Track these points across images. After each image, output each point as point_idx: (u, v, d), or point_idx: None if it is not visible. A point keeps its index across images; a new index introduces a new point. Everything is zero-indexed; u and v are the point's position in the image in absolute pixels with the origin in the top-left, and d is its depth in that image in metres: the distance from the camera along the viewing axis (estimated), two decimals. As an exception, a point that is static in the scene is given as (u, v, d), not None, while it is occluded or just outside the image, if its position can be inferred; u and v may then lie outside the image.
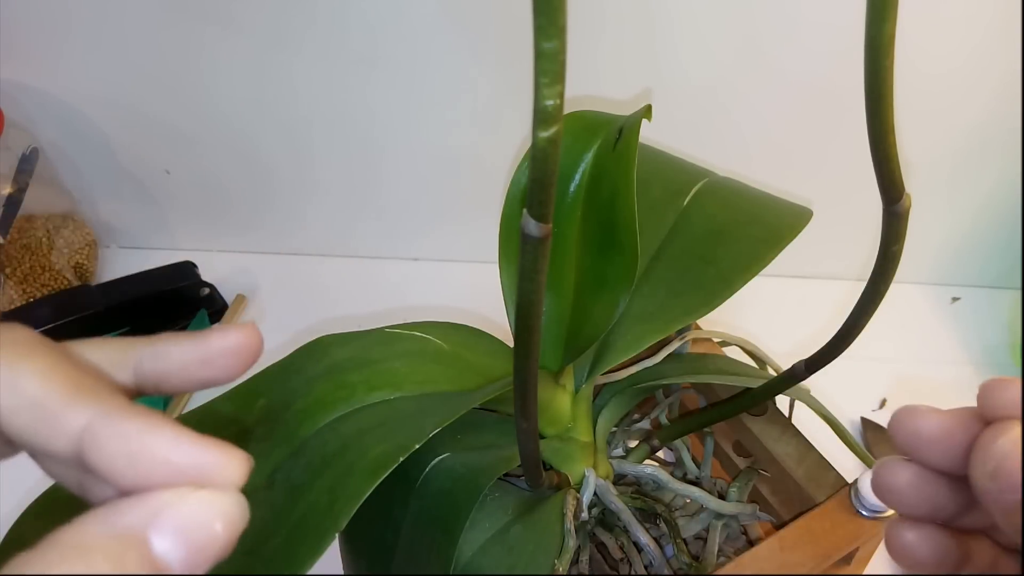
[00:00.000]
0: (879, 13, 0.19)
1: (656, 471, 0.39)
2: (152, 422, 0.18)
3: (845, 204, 0.59)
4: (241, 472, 0.18)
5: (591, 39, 0.53)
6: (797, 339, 0.42)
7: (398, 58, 0.55)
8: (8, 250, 0.60)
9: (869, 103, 0.21)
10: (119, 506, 0.17)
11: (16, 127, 0.59)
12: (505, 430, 0.35)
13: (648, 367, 0.41)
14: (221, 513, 0.17)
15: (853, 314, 0.29)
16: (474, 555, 0.32)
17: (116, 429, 0.17)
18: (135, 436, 0.17)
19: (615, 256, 0.34)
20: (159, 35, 0.55)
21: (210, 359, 0.21)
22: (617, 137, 0.36)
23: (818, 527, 0.35)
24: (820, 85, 0.55)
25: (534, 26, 0.16)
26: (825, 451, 0.39)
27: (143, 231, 0.69)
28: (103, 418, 0.18)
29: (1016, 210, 0.61)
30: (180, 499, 0.17)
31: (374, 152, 0.62)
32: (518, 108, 0.55)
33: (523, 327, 0.23)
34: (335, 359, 0.34)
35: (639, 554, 0.37)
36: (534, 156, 0.19)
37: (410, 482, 0.33)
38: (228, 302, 0.64)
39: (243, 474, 0.18)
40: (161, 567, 0.16)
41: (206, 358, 0.21)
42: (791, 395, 0.38)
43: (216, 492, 0.17)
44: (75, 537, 0.16)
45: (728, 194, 0.42)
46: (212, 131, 0.61)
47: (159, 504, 0.16)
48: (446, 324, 0.38)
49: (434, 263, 0.69)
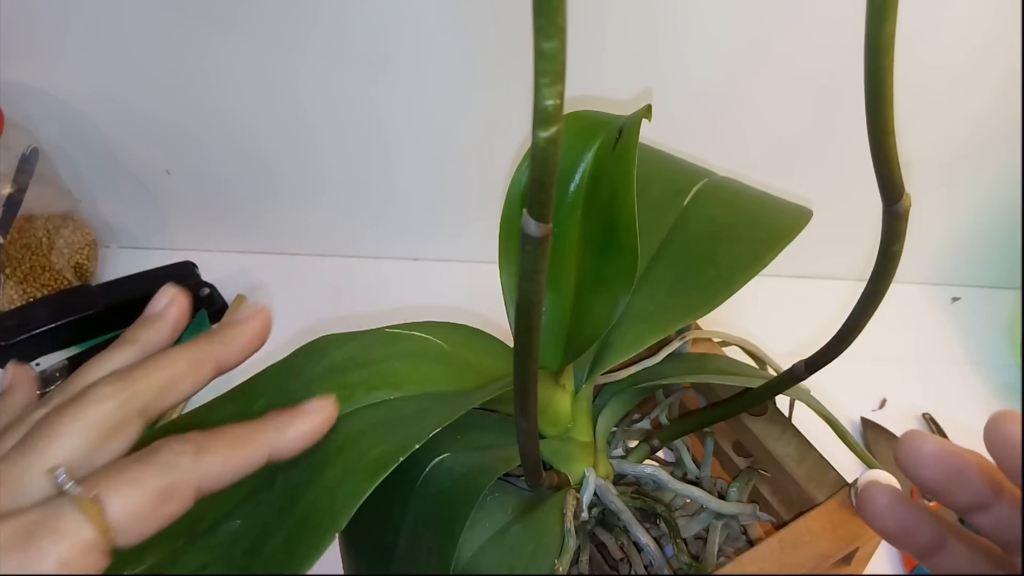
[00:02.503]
0: (879, 12, 0.19)
1: (656, 471, 0.39)
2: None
3: (845, 204, 0.59)
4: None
5: (591, 39, 0.53)
6: (797, 339, 0.42)
7: (399, 58, 0.55)
8: (8, 250, 0.60)
9: (869, 103, 0.21)
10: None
11: (16, 127, 0.59)
12: (505, 430, 0.35)
13: (648, 367, 0.41)
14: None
15: (853, 314, 0.29)
16: (474, 555, 0.32)
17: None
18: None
19: (615, 256, 0.34)
20: (159, 35, 0.55)
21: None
22: (617, 137, 0.36)
23: (818, 527, 0.35)
24: (820, 85, 0.55)
25: (534, 26, 0.16)
26: (825, 451, 0.39)
27: (143, 231, 0.69)
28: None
29: (1016, 210, 0.61)
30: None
31: (374, 152, 0.62)
32: (518, 108, 0.55)
33: (523, 327, 0.23)
34: (335, 359, 0.34)
35: (639, 554, 0.37)
36: (534, 156, 0.19)
37: (410, 482, 0.33)
38: (228, 302, 0.64)
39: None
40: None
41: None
42: (791, 395, 0.38)
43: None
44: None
45: (728, 194, 0.42)
46: (212, 131, 0.61)
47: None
48: (446, 324, 0.38)
49: (434, 263, 0.69)
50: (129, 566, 0.26)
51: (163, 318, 0.27)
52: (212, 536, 0.27)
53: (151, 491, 0.21)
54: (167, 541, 0.27)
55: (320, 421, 0.27)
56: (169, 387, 0.24)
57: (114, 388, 0.23)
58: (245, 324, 0.28)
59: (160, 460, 0.22)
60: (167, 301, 0.27)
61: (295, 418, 0.26)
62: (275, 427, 0.25)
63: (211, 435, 0.24)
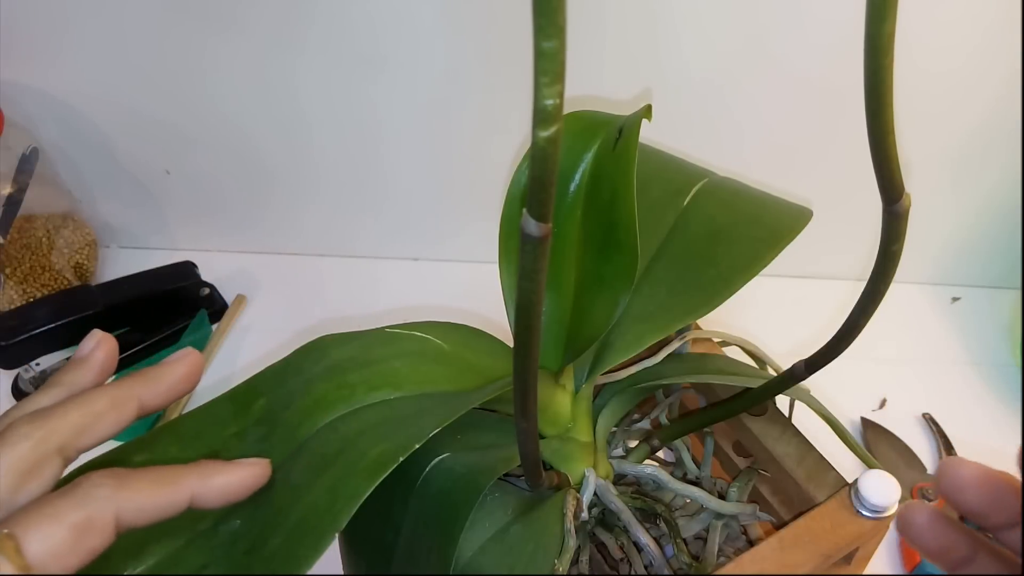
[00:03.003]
0: (879, 12, 0.19)
1: (656, 471, 0.39)
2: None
3: (845, 204, 0.59)
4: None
5: (591, 38, 0.53)
6: (797, 339, 0.42)
7: (398, 58, 0.55)
8: (8, 250, 0.60)
9: (869, 103, 0.21)
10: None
11: (16, 127, 0.59)
12: (505, 430, 0.35)
13: (648, 367, 0.41)
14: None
15: (853, 314, 0.29)
16: (474, 555, 0.32)
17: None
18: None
19: (615, 256, 0.34)
20: (159, 35, 0.55)
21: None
22: (617, 137, 0.36)
23: (818, 527, 0.35)
24: (820, 85, 0.55)
25: (534, 25, 0.16)
26: (825, 451, 0.39)
27: (143, 231, 0.69)
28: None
29: (1016, 210, 0.61)
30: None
31: (374, 152, 0.62)
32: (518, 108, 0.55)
33: (523, 327, 0.23)
34: (335, 359, 0.34)
35: (639, 554, 0.37)
36: (534, 156, 0.19)
37: (410, 482, 0.33)
38: (228, 302, 0.64)
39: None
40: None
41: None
42: (791, 395, 0.38)
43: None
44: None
45: (728, 194, 0.42)
46: (212, 131, 0.61)
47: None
48: (446, 324, 0.38)
49: (434, 263, 0.69)
50: (129, 566, 0.26)
51: (89, 361, 0.27)
52: (212, 536, 0.27)
53: (69, 525, 0.22)
54: (167, 541, 0.27)
55: (247, 476, 0.27)
56: (88, 425, 0.25)
57: (29, 428, 0.23)
58: (172, 365, 0.28)
59: (79, 494, 0.22)
60: (93, 344, 0.28)
61: (224, 469, 0.26)
62: (200, 473, 0.25)
63: (135, 471, 0.24)
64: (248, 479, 0.27)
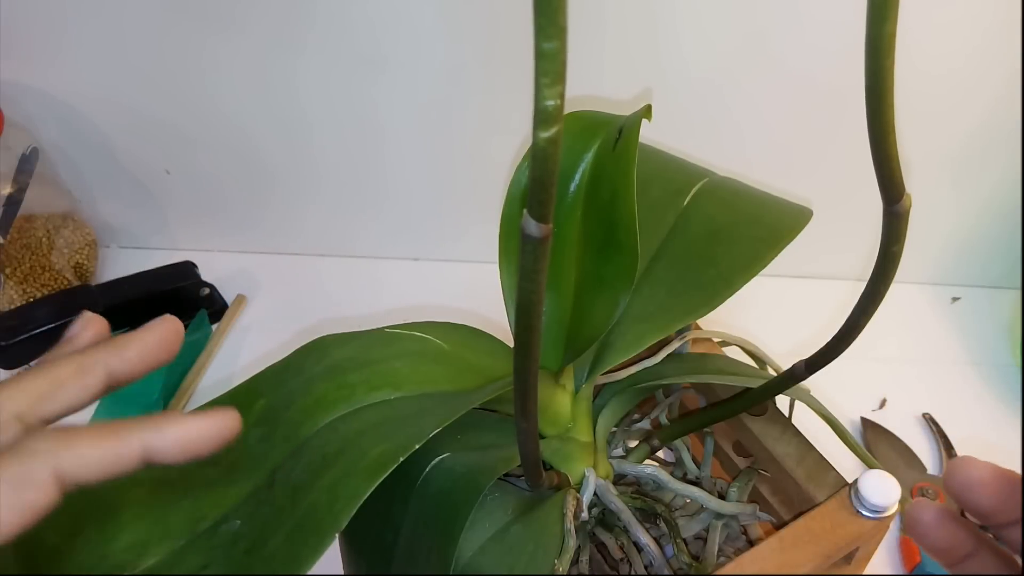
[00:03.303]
0: (880, 13, 0.19)
1: (656, 471, 0.39)
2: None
3: (845, 204, 0.59)
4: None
5: (591, 39, 0.53)
6: (797, 339, 0.42)
7: (398, 58, 0.55)
8: (8, 250, 0.60)
9: (870, 103, 0.21)
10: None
11: (16, 127, 0.59)
12: (505, 430, 0.35)
13: (648, 367, 0.41)
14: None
15: (853, 314, 0.29)
16: (474, 555, 0.32)
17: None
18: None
19: (615, 256, 0.34)
20: (159, 35, 0.55)
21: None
22: (617, 137, 0.36)
23: (818, 527, 0.35)
24: (820, 85, 0.55)
25: (534, 26, 0.16)
26: (825, 451, 0.39)
27: (143, 231, 0.69)
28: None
29: (1017, 210, 0.61)
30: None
31: (374, 152, 0.62)
32: (518, 108, 0.55)
33: (523, 327, 0.23)
34: (335, 359, 0.34)
35: (639, 554, 0.37)
36: (534, 156, 0.19)
37: (410, 482, 0.33)
38: (228, 302, 0.64)
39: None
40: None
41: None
42: (791, 395, 0.38)
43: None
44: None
45: (728, 194, 0.42)
46: (212, 131, 0.61)
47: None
48: (446, 324, 0.38)
49: (434, 263, 0.69)
50: (129, 566, 0.26)
51: (75, 341, 0.27)
52: (212, 536, 0.27)
53: (6, 481, 0.21)
54: (167, 541, 0.27)
55: (208, 427, 0.24)
56: (49, 392, 0.24)
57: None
58: (143, 331, 0.26)
59: (16, 449, 0.22)
60: (81, 325, 0.27)
61: (182, 419, 0.24)
62: (155, 425, 0.24)
63: (81, 427, 0.23)
64: (210, 430, 0.24)
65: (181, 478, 0.29)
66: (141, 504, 0.28)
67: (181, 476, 0.29)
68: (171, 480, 0.29)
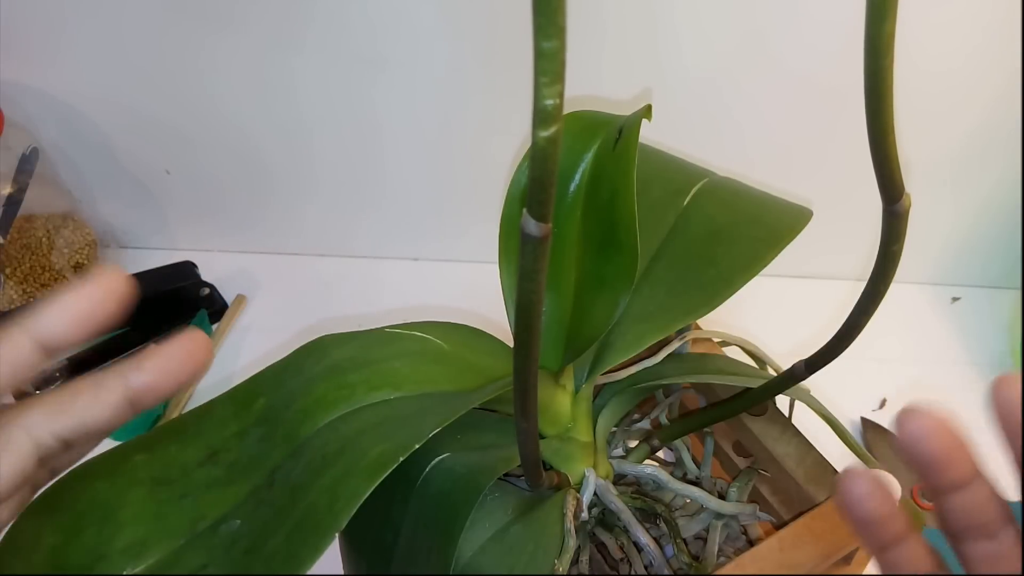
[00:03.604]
0: (879, 12, 0.19)
1: (656, 471, 0.39)
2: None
3: (845, 204, 0.59)
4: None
5: (591, 38, 0.53)
6: (797, 339, 0.42)
7: (398, 58, 0.55)
8: (8, 250, 0.60)
9: (869, 103, 0.21)
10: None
11: (16, 127, 0.59)
12: (505, 430, 0.35)
13: (648, 367, 0.41)
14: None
15: (853, 314, 0.29)
16: (474, 555, 0.32)
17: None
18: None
19: (615, 256, 0.34)
20: (159, 35, 0.55)
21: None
22: (617, 137, 0.36)
23: (818, 527, 0.35)
24: (820, 85, 0.55)
25: (534, 25, 0.16)
26: (825, 451, 0.39)
27: (143, 231, 0.69)
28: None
29: (1016, 210, 0.61)
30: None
31: (374, 152, 0.62)
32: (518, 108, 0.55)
33: (523, 327, 0.23)
34: (335, 359, 0.34)
35: (639, 554, 0.37)
36: (534, 156, 0.19)
37: (410, 482, 0.33)
38: (228, 302, 0.64)
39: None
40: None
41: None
42: (791, 395, 0.38)
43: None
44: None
45: (728, 194, 0.42)
46: (212, 131, 0.61)
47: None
48: (446, 324, 0.38)
49: (434, 263, 0.69)
50: (129, 566, 0.26)
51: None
52: (212, 536, 0.27)
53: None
54: (167, 541, 0.27)
55: (181, 347, 0.24)
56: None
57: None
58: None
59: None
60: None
61: (157, 349, 0.24)
62: (133, 364, 0.23)
63: (62, 387, 0.23)
64: (184, 348, 0.24)
65: (181, 477, 0.29)
66: (140, 504, 0.28)
67: (181, 475, 0.29)
68: (171, 480, 0.29)
